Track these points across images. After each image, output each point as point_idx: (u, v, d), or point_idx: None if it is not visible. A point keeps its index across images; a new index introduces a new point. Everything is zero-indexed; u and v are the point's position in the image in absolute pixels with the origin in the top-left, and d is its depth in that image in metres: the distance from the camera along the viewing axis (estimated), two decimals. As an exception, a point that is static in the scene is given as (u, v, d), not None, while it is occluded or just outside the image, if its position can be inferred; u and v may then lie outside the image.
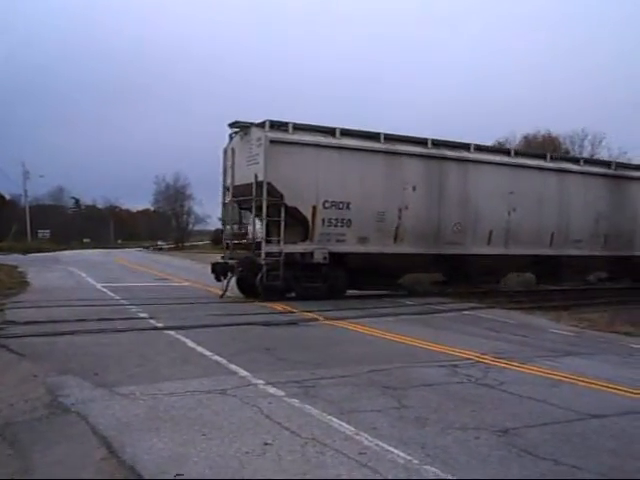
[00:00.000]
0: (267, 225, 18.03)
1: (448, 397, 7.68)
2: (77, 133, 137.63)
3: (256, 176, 17.79)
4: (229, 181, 19.17)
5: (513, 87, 73.23)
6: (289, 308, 15.99)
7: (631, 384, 8.64)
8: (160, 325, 12.80)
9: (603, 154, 50.02)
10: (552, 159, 23.37)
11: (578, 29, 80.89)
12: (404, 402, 7.34)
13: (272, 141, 17.79)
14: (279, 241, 17.97)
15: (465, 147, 21.19)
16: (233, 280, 18.64)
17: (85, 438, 5.90)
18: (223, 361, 9.39)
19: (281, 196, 17.85)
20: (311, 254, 18.32)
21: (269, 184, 17.62)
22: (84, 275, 27.10)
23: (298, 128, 18.47)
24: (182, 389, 7.63)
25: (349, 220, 18.77)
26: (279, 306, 16.36)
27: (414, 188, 19.82)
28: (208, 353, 9.99)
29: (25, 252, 54.75)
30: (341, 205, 18.66)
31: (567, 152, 47.91)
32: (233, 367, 8.98)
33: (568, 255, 22.90)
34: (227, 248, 19.50)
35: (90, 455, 5.48)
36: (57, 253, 57.22)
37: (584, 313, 16.68)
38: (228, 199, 19.55)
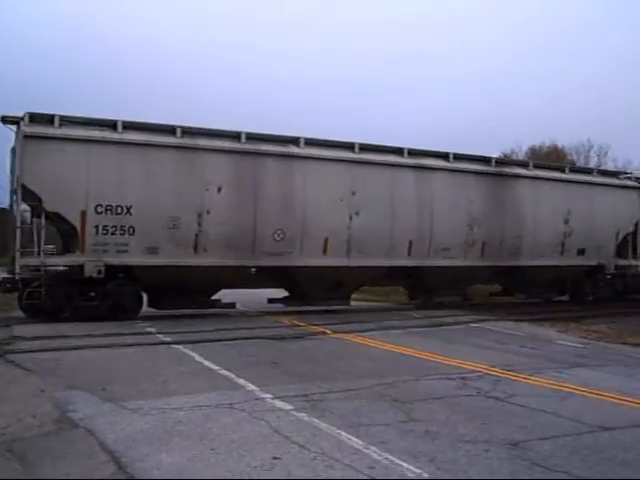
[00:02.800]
0: (25, 234, 15.66)
1: (457, 410, 7.64)
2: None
3: (17, 178, 15.47)
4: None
5: (520, 98, 73.23)
6: (296, 322, 15.96)
7: (641, 396, 8.59)
8: (168, 340, 12.78)
9: (609, 165, 49.95)
10: (410, 154, 19.63)
11: (583, 39, 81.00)
12: (413, 415, 7.30)
13: (28, 136, 15.18)
14: (39, 253, 15.50)
15: (293, 141, 18.14)
16: None
17: (94, 453, 5.88)
18: (231, 375, 9.37)
19: (39, 200, 15.25)
20: (81, 267, 15.46)
21: (23, 186, 15.14)
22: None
23: (69, 121, 15.79)
24: (190, 403, 7.60)
25: (132, 227, 15.81)
26: (286, 320, 16.34)
27: (219, 189, 16.77)
28: (216, 367, 9.97)
29: None
30: (120, 210, 15.69)
31: (573, 163, 47.80)
32: (241, 381, 8.96)
33: (434, 266, 19.70)
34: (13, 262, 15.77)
35: (99, 470, 5.45)
36: None
37: (592, 324, 16.59)
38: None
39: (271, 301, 18.55)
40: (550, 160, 40.92)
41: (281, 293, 19.37)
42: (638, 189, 24.45)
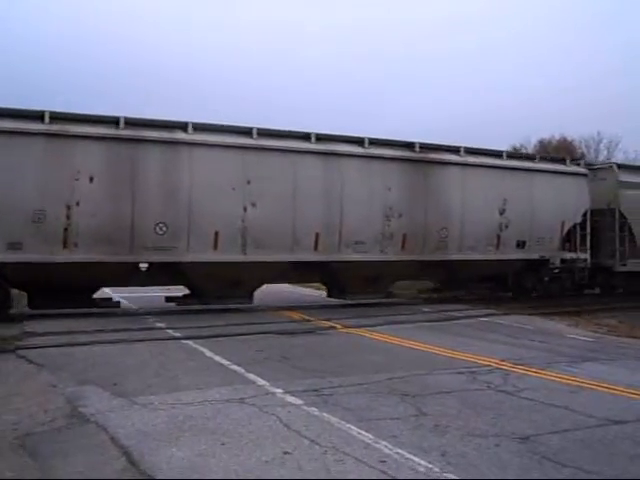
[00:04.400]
0: None
1: (467, 404, 7.63)
2: None
3: None
4: None
5: (529, 92, 72.88)
6: (306, 316, 15.97)
7: (652, 390, 8.56)
8: (178, 335, 12.81)
9: (619, 157, 49.66)
10: (319, 140, 17.87)
11: (591, 34, 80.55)
12: (423, 409, 7.31)
13: None
14: None
15: (182, 127, 16.44)
16: None
17: (105, 448, 5.91)
18: (241, 370, 9.39)
19: None
20: None
21: None
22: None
23: None
24: (201, 398, 7.63)
25: None
26: (296, 314, 16.35)
27: (91, 179, 15.13)
28: (226, 362, 9.99)
29: None
30: None
31: (583, 156, 47.56)
32: (251, 376, 8.98)
33: (345, 261, 17.97)
34: None
35: (110, 465, 5.48)
36: None
37: (603, 318, 16.56)
38: None
39: (168, 300, 17.23)
40: (560, 154, 40.68)
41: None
42: (587, 176, 22.50)
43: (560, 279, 22.08)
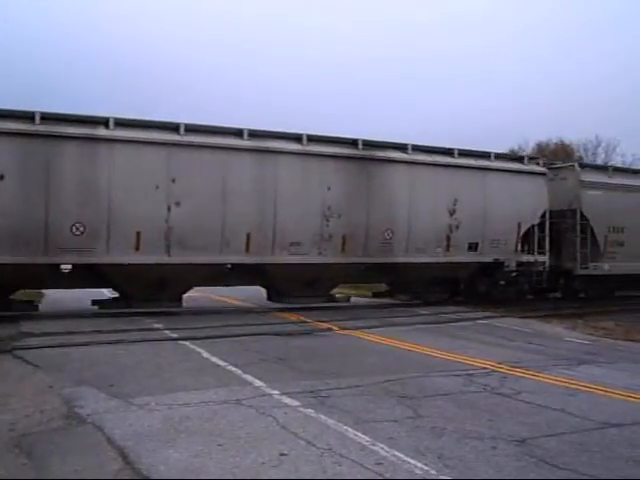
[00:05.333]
0: None
1: (464, 407, 7.64)
2: None
3: None
4: None
5: (529, 95, 72.99)
6: (303, 318, 15.96)
7: (649, 393, 8.57)
8: (175, 336, 12.81)
9: (617, 161, 49.70)
10: (252, 136, 17.04)
11: (591, 37, 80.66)
12: (420, 412, 7.30)
13: None
14: None
15: (104, 122, 15.55)
16: None
17: (101, 449, 5.90)
18: (238, 371, 9.39)
19: None
20: None
21: None
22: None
23: None
24: (197, 399, 7.62)
25: None
26: (293, 316, 16.35)
27: (1, 177, 14.41)
28: (223, 363, 9.99)
29: None
30: None
31: (581, 159, 47.58)
32: (248, 377, 8.97)
33: (280, 263, 17.18)
34: None
35: (106, 466, 5.47)
36: None
37: (600, 321, 16.55)
38: None
39: (93, 303, 16.47)
40: (558, 157, 40.71)
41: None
42: (546, 175, 21.53)
43: (517, 283, 21.23)
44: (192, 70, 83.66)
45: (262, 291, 18.74)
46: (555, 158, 34.95)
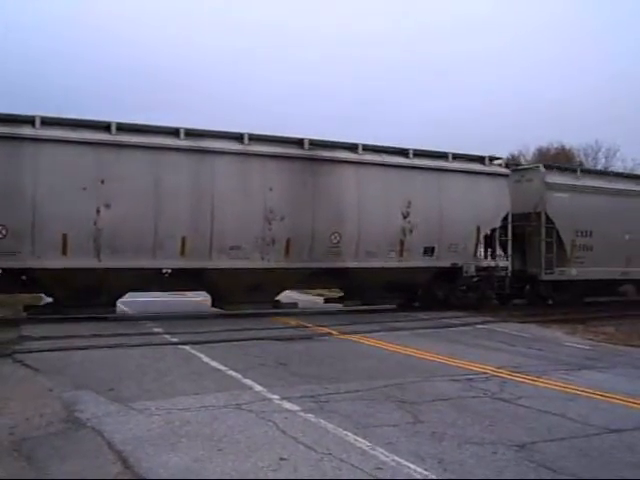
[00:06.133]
0: None
1: (464, 411, 7.63)
2: None
3: None
4: None
5: (529, 100, 73.09)
6: (303, 323, 15.95)
7: (649, 398, 8.57)
8: (175, 340, 12.80)
9: (617, 166, 49.77)
10: (189, 135, 16.31)
11: (591, 42, 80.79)
12: (420, 417, 7.30)
13: None
14: None
15: (28, 121, 14.88)
16: None
17: (101, 453, 5.89)
18: (238, 376, 9.38)
19: None
20: None
21: None
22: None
23: None
24: (197, 404, 7.61)
25: None
26: (293, 321, 16.34)
27: None
28: (223, 368, 9.98)
29: None
30: None
31: (581, 164, 47.59)
32: (248, 382, 8.97)
33: (218, 268, 16.40)
34: None
35: (106, 470, 5.47)
36: None
37: (600, 326, 16.56)
38: None
39: (24, 309, 16.02)
40: (558, 162, 40.72)
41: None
42: (508, 176, 20.68)
43: (478, 289, 20.44)
44: (194, 74, 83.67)
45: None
46: (556, 163, 34.89)
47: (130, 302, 18.49)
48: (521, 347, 13.22)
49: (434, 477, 5.38)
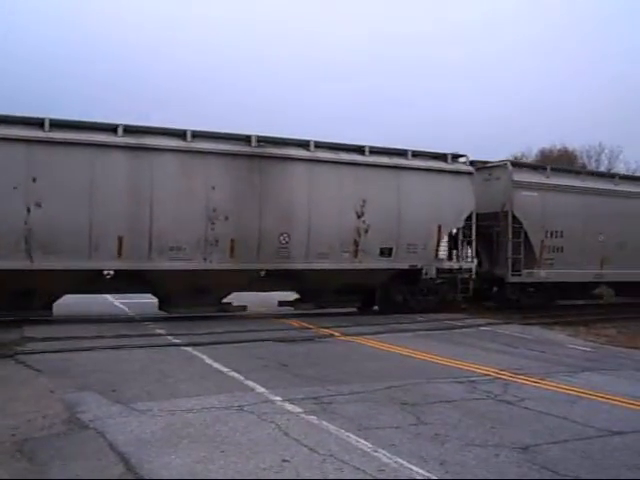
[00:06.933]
0: None
1: (467, 413, 7.62)
2: None
3: None
4: None
5: (532, 101, 73.08)
6: (306, 324, 15.94)
7: (652, 400, 8.55)
8: (177, 341, 12.80)
9: (620, 168, 49.73)
10: (128, 132, 15.68)
11: (594, 43, 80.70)
12: (422, 418, 7.29)
13: None
14: None
15: None
16: None
17: (103, 454, 5.89)
18: (240, 377, 9.38)
19: None
20: None
21: None
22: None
23: None
24: (200, 405, 7.61)
25: None
26: (296, 322, 16.33)
27: None
28: (225, 369, 9.98)
29: None
30: None
31: (584, 166, 47.52)
32: (250, 383, 8.96)
33: (159, 269, 15.73)
34: None
35: (108, 471, 5.47)
36: None
37: (603, 328, 16.55)
38: None
39: None
40: (561, 164, 40.65)
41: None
42: (472, 175, 19.76)
43: (439, 292, 19.57)
44: (197, 75, 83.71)
45: (267, 296, 18.56)
46: (560, 165, 34.78)
47: (131, 303, 18.51)
48: (524, 349, 13.20)
49: (436, 478, 5.37)
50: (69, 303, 17.67)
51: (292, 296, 18.82)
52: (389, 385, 9.00)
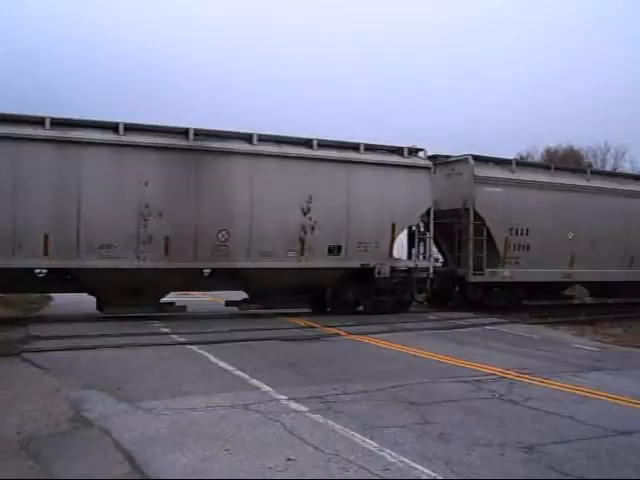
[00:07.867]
0: None
1: (472, 413, 7.61)
2: None
3: None
4: None
5: (539, 100, 72.97)
6: (311, 323, 15.93)
7: (658, 400, 8.52)
8: (182, 340, 12.81)
9: (626, 167, 49.62)
10: (55, 125, 14.98)
11: (600, 42, 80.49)
12: (428, 418, 7.28)
13: None
14: None
15: None
16: None
17: (108, 453, 5.90)
18: (245, 376, 9.39)
19: None
20: None
21: None
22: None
23: None
24: (205, 404, 7.61)
25: None
26: (301, 321, 16.32)
27: None
28: (230, 368, 9.98)
29: None
30: None
31: (590, 165, 47.37)
32: (255, 382, 8.96)
33: (88, 268, 15.07)
34: None
35: (113, 470, 5.47)
36: None
37: (609, 328, 16.50)
38: None
39: None
40: (567, 163, 40.56)
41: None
42: (430, 169, 18.96)
43: (394, 292, 18.74)
44: (199, 74, 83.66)
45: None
46: (566, 164, 34.70)
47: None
48: (529, 348, 13.16)
49: (441, 478, 5.36)
50: (69, 303, 17.76)
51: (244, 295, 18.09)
52: (394, 384, 8.98)
